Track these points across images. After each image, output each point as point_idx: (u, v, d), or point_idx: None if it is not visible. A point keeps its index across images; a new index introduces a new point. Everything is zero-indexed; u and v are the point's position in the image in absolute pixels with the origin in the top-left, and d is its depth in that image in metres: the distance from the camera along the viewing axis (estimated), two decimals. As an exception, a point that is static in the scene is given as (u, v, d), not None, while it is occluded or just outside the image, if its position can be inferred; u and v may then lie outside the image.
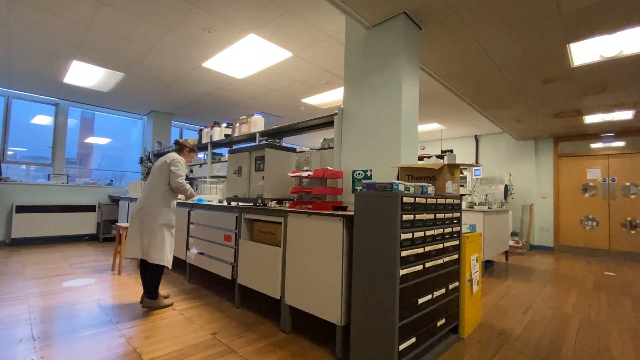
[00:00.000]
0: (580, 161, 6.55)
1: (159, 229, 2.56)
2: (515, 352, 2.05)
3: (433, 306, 1.93)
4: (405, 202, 1.68)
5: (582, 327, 2.51)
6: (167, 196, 2.65)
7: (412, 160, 2.49)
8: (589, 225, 6.37)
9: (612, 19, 2.51)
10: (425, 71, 3.56)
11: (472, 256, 2.42)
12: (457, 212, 2.27)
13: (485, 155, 7.60)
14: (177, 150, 2.83)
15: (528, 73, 3.60)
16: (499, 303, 3.04)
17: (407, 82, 2.46)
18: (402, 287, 1.64)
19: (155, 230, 2.55)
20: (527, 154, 7.02)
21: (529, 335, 2.32)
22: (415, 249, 1.77)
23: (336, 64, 3.96)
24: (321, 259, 2.02)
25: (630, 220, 5.95)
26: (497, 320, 2.60)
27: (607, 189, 6.23)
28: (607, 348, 2.16)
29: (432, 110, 5.71)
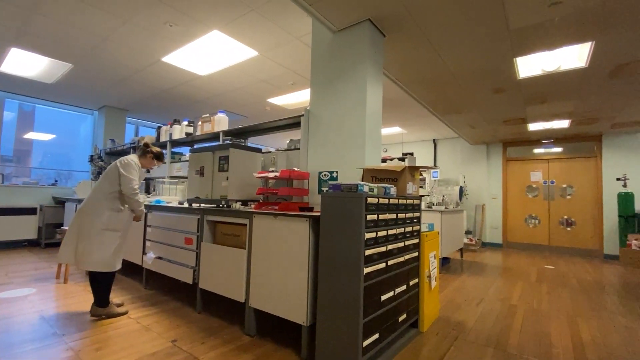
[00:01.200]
0: (525, 165, 7.18)
1: (97, 234, 2.37)
2: (469, 342, 2.20)
3: (395, 302, 2.01)
4: (369, 202, 1.73)
5: (526, 316, 2.75)
6: (114, 199, 2.48)
7: (376, 162, 2.57)
8: (532, 224, 6.99)
9: (551, 37, 2.79)
10: (389, 77, 3.70)
11: (431, 254, 2.55)
12: (417, 212, 2.39)
13: (443, 158, 8.05)
14: (141, 154, 2.66)
15: (481, 83, 3.88)
16: (455, 297, 3.24)
17: (372, 86, 2.54)
18: (366, 284, 1.69)
19: (92, 235, 2.36)
20: (480, 158, 7.55)
21: (481, 326, 2.50)
22: (379, 247, 1.83)
23: (303, 65, 3.97)
24: (287, 260, 2.02)
25: (567, 218, 6.63)
26: (453, 314, 2.76)
27: (547, 191, 6.88)
28: (547, 334, 2.39)
29: (395, 115, 5.94)
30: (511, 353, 2.07)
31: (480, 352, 2.07)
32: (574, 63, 3.30)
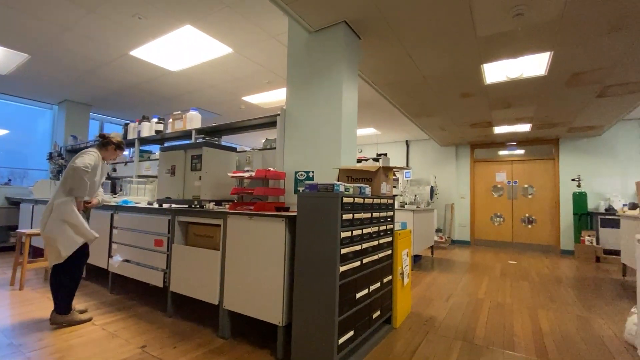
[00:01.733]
0: (491, 166, 7.56)
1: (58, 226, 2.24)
2: (439, 336, 2.29)
3: (369, 299, 2.05)
4: (345, 202, 1.76)
5: (491, 309, 2.90)
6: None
7: (351, 163, 2.61)
8: (497, 222, 7.38)
9: (515, 46, 2.97)
10: (363, 79, 3.76)
11: (404, 251, 2.63)
12: (390, 211, 2.45)
13: (415, 159, 8.30)
14: (100, 145, 2.52)
15: (450, 87, 4.04)
16: (426, 293, 3.36)
17: (348, 88, 2.58)
18: (342, 283, 1.71)
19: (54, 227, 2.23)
20: (449, 159, 7.86)
21: (450, 320, 2.61)
22: (354, 246, 1.86)
23: (279, 64, 3.95)
24: (263, 261, 2.00)
25: (528, 216, 7.06)
26: (424, 309, 2.86)
27: (511, 190, 7.29)
28: (510, 325, 2.54)
29: (369, 116, 6.05)
30: (478, 344, 2.18)
31: (450, 345, 2.16)
32: (535, 71, 3.52)
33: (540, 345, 2.19)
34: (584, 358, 2.03)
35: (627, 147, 6.03)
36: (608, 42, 2.86)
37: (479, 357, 2.00)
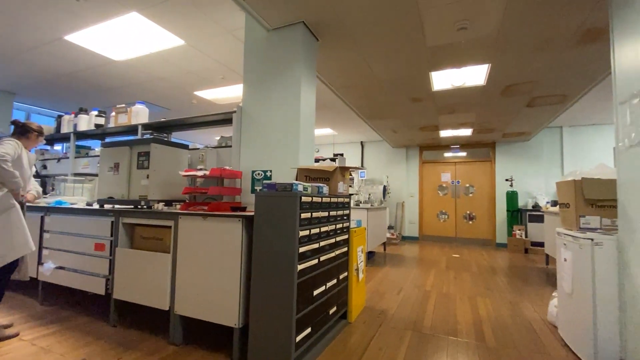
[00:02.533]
0: (437, 167, 8.12)
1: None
2: (391, 328, 2.42)
3: (326, 296, 2.09)
4: (303, 201, 1.77)
5: (437, 300, 3.13)
6: None
7: (309, 162, 2.64)
8: (443, 218, 7.95)
9: (459, 57, 3.23)
10: (321, 80, 3.82)
11: (359, 248, 2.73)
12: (346, 210, 2.52)
13: (369, 159, 8.61)
14: (19, 134, 2.24)
15: (402, 92, 4.27)
16: (379, 287, 3.51)
17: (306, 88, 2.60)
18: (300, 281, 1.73)
19: None
20: (400, 160, 8.28)
21: (401, 312, 2.76)
22: (312, 244, 1.88)
23: (234, 59, 3.84)
24: (218, 262, 1.94)
25: (469, 213, 7.71)
26: (377, 303, 2.99)
27: (454, 189, 7.90)
28: (454, 314, 2.76)
29: (326, 116, 6.14)
30: (426, 333, 2.34)
31: (401, 335, 2.29)
32: (476, 81, 3.86)
33: (479, 330, 2.41)
34: (515, 338, 2.28)
35: (550, 152, 6.88)
36: (535, 59, 3.24)
37: (426, 345, 2.15)
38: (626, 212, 1.83)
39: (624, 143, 1.84)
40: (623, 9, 1.86)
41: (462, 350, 2.09)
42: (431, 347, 2.11)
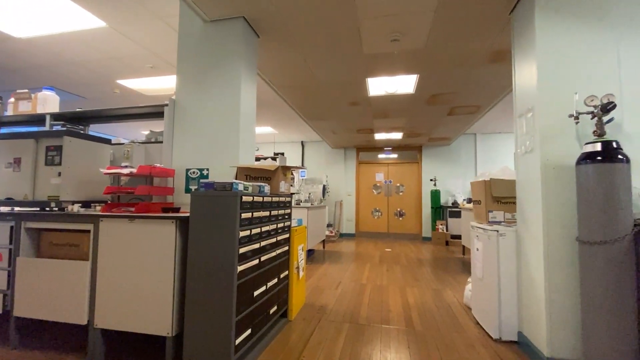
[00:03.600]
0: (372, 167, 8.61)
1: None
2: (330, 321, 2.51)
3: (267, 296, 2.08)
4: (244, 201, 1.74)
5: (372, 292, 3.33)
6: None
7: (250, 161, 2.58)
8: (377, 215, 8.47)
9: (392, 66, 3.47)
10: (262, 78, 3.76)
11: (299, 246, 2.76)
12: (288, 209, 2.54)
13: (309, 159, 8.74)
14: None
15: (341, 95, 4.43)
16: (319, 284, 3.60)
17: (246, 85, 2.54)
18: (240, 282, 1.69)
19: None
20: (339, 160, 8.58)
21: (339, 306, 2.88)
22: (252, 244, 1.86)
23: (166, 48, 3.56)
24: (148, 268, 1.79)
25: (399, 210, 8.34)
26: (317, 299, 3.07)
27: (387, 189, 8.47)
28: (386, 303, 2.97)
29: (267, 115, 6.06)
30: (362, 324, 2.48)
31: (339, 328, 2.39)
32: (407, 89, 4.20)
33: (408, 317, 2.64)
34: (437, 321, 2.55)
35: (467, 155, 7.80)
36: (455, 73, 3.65)
37: (362, 334, 2.28)
38: (523, 207, 2.18)
39: (521, 150, 2.19)
40: (520, 36, 2.21)
41: (394, 336, 2.27)
42: (366, 336, 2.25)
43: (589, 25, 1.92)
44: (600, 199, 1.61)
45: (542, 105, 1.94)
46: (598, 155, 1.63)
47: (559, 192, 1.88)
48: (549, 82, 1.94)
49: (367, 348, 2.08)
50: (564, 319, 1.82)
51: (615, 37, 1.89)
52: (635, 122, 1.86)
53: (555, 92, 1.93)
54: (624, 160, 1.59)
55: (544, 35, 1.97)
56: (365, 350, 2.05)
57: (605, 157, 1.61)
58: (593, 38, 1.91)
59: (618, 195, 1.58)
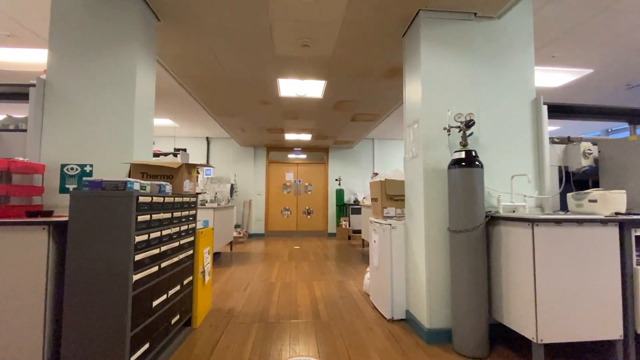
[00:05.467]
0: (282, 167, 8.71)
1: None
2: (239, 324, 2.45)
3: (168, 305, 1.92)
4: (141, 202, 1.56)
5: (281, 289, 3.39)
6: None
7: (147, 157, 2.33)
8: (286, 214, 8.60)
9: (302, 70, 3.60)
10: (163, 65, 3.41)
11: (205, 250, 2.62)
12: (193, 210, 2.38)
13: (216, 157, 8.29)
14: None
15: (252, 93, 4.36)
16: (226, 287, 3.47)
17: (143, 71, 2.28)
18: (136, 293, 1.52)
19: None
20: (248, 159, 8.40)
21: (248, 307, 2.84)
22: (151, 250, 1.68)
23: (29, 15, 2.89)
24: (5, 290, 1.44)
25: (308, 208, 8.65)
26: (224, 302, 2.96)
27: (296, 188, 8.69)
28: (295, 299, 3.07)
29: (166, 106, 5.50)
30: (271, 322, 2.50)
31: (248, 329, 2.36)
32: (315, 93, 4.40)
33: (315, 309, 2.79)
34: (341, 310, 2.77)
35: (366, 158, 8.61)
36: (358, 83, 4.00)
37: (272, 333, 2.30)
38: (409, 203, 2.55)
39: (409, 155, 2.56)
40: (410, 58, 2.58)
41: (302, 329, 2.36)
42: (276, 334, 2.29)
43: (458, 57, 2.37)
44: (464, 196, 2.01)
45: (425, 118, 2.31)
46: (462, 162, 2.04)
47: (436, 191, 2.28)
48: (430, 100, 2.33)
49: (277, 344, 2.12)
50: (439, 296, 2.21)
51: (475, 69, 2.39)
52: (486, 136, 2.39)
53: (434, 108, 2.32)
54: (479, 165, 2.02)
55: (427, 59, 2.35)
56: (275, 347, 2.08)
57: (467, 163, 2.02)
58: (461, 67, 2.37)
59: (476, 192, 2.00)
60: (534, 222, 1.73)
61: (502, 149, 2.40)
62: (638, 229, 1.79)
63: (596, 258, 1.75)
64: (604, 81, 4.23)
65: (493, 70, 2.46)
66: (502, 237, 1.98)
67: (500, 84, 2.46)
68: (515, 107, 2.45)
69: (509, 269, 1.91)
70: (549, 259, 1.72)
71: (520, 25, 2.52)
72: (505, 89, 2.46)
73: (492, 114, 2.41)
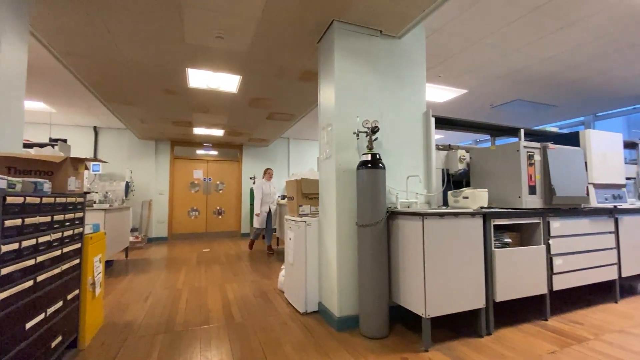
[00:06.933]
0: (190, 163, 8.07)
1: None
2: (139, 337, 2.20)
3: (47, 326, 1.60)
4: (10, 203, 1.27)
5: (190, 295, 3.16)
6: None
7: (16, 148, 1.89)
8: (194, 215, 8.00)
9: (215, 62, 3.42)
10: (37, 38, 2.79)
11: (96, 258, 2.26)
12: (80, 212, 2.03)
13: (106, 150, 7.17)
14: None
15: (155, 80, 3.92)
16: (122, 299, 3.06)
17: (10, 41, 1.84)
18: (2, 315, 1.23)
19: None
20: (148, 153, 7.51)
21: (150, 318, 2.57)
22: (24, 261, 1.38)
23: None
24: None
25: (219, 208, 8.23)
26: (120, 316, 2.61)
27: (206, 186, 8.16)
28: (205, 304, 2.91)
29: (39, 87, 4.51)
30: (179, 330, 2.32)
31: (151, 342, 2.14)
32: (230, 87, 4.23)
33: (228, 312, 2.70)
34: (255, 309, 2.75)
35: (282, 157, 8.66)
36: (274, 83, 4.01)
37: (180, 342, 2.14)
38: (324, 201, 2.70)
39: (323, 155, 2.71)
40: (325, 64, 2.73)
41: (214, 334, 2.27)
42: (184, 342, 2.13)
43: (367, 69, 2.62)
44: (370, 194, 2.24)
45: (337, 123, 2.48)
46: (369, 163, 2.26)
47: (346, 189, 2.47)
48: (342, 106, 2.51)
49: (186, 353, 1.98)
50: (348, 285, 2.41)
51: (381, 81, 2.68)
52: (387, 141, 2.70)
53: (346, 114, 2.51)
54: (382, 167, 2.28)
55: (340, 68, 2.52)
56: (185, 356, 1.94)
57: (372, 164, 2.26)
58: (369, 78, 2.62)
59: (379, 191, 2.25)
60: (424, 216, 2.04)
61: (400, 153, 2.75)
62: (496, 219, 2.29)
63: (467, 243, 2.17)
64: (475, 100, 5.23)
65: (394, 83, 2.79)
66: (399, 229, 2.27)
67: (400, 96, 2.81)
68: (410, 117, 2.83)
69: (405, 256, 2.21)
70: (434, 246, 2.06)
71: (416, 46, 2.92)
72: (403, 100, 2.82)
73: (392, 122, 2.74)
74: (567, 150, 2.61)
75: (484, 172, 2.73)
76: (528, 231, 2.55)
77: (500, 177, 2.58)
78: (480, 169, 2.77)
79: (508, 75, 4.15)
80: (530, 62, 3.76)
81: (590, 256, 2.68)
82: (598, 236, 2.74)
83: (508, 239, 2.41)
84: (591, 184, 2.82)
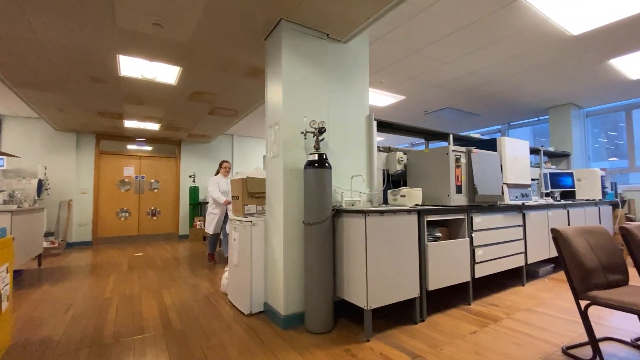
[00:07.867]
0: (119, 159, 7.31)
1: None
2: (59, 355, 1.95)
3: None
4: None
5: (120, 304, 2.88)
6: None
7: None
8: (123, 216, 7.28)
9: (152, 50, 3.15)
10: None
11: (2, 267, 1.94)
12: (-20, 214, 1.72)
13: (12, 142, 6.14)
14: None
15: (78, 66, 3.48)
16: (35, 313, 2.66)
17: None
18: None
19: None
20: (68, 147, 6.63)
21: (72, 332, 2.28)
22: None
23: None
24: None
25: (153, 209, 7.60)
26: (34, 333, 2.27)
27: (138, 185, 7.48)
28: (139, 312, 2.68)
29: None
30: (108, 343, 2.11)
31: (73, 357, 1.91)
32: (168, 79, 3.94)
33: (165, 319, 2.52)
34: (196, 314, 2.61)
35: (225, 154, 8.30)
36: (218, 77, 3.85)
37: (109, 355, 1.95)
38: (270, 200, 2.68)
39: (270, 154, 2.68)
40: (272, 62, 2.71)
41: (150, 344, 2.10)
42: (114, 356, 1.94)
43: (315, 70, 2.66)
44: (316, 193, 2.29)
45: (285, 121, 2.48)
46: (315, 163, 2.31)
47: (294, 188, 2.48)
48: (290, 105, 2.51)
49: (117, 368, 1.81)
50: (295, 284, 2.43)
51: (328, 82, 2.74)
52: (334, 142, 2.78)
53: (293, 113, 2.53)
54: (329, 167, 2.34)
55: (287, 68, 2.53)
56: (115, 371, 1.77)
57: (319, 164, 2.31)
58: (317, 79, 2.67)
59: (325, 190, 2.31)
60: (366, 213, 2.15)
61: (345, 154, 2.85)
62: (429, 216, 2.51)
63: (404, 238, 2.35)
64: (411, 106, 5.65)
65: (340, 86, 2.89)
66: (344, 227, 2.36)
67: (345, 98, 2.91)
68: (354, 119, 2.95)
69: (349, 252, 2.30)
70: (376, 241, 2.19)
71: (361, 52, 3.06)
72: (348, 103, 2.93)
73: (338, 123, 2.83)
74: (486, 154, 2.97)
75: (419, 172, 2.97)
76: (455, 226, 2.85)
77: (432, 178, 2.83)
78: (416, 169, 3.01)
79: (441, 84, 4.57)
80: (459, 74, 4.19)
81: (504, 246, 3.09)
82: (510, 229, 3.17)
83: (439, 234, 2.67)
84: (505, 184, 3.25)
